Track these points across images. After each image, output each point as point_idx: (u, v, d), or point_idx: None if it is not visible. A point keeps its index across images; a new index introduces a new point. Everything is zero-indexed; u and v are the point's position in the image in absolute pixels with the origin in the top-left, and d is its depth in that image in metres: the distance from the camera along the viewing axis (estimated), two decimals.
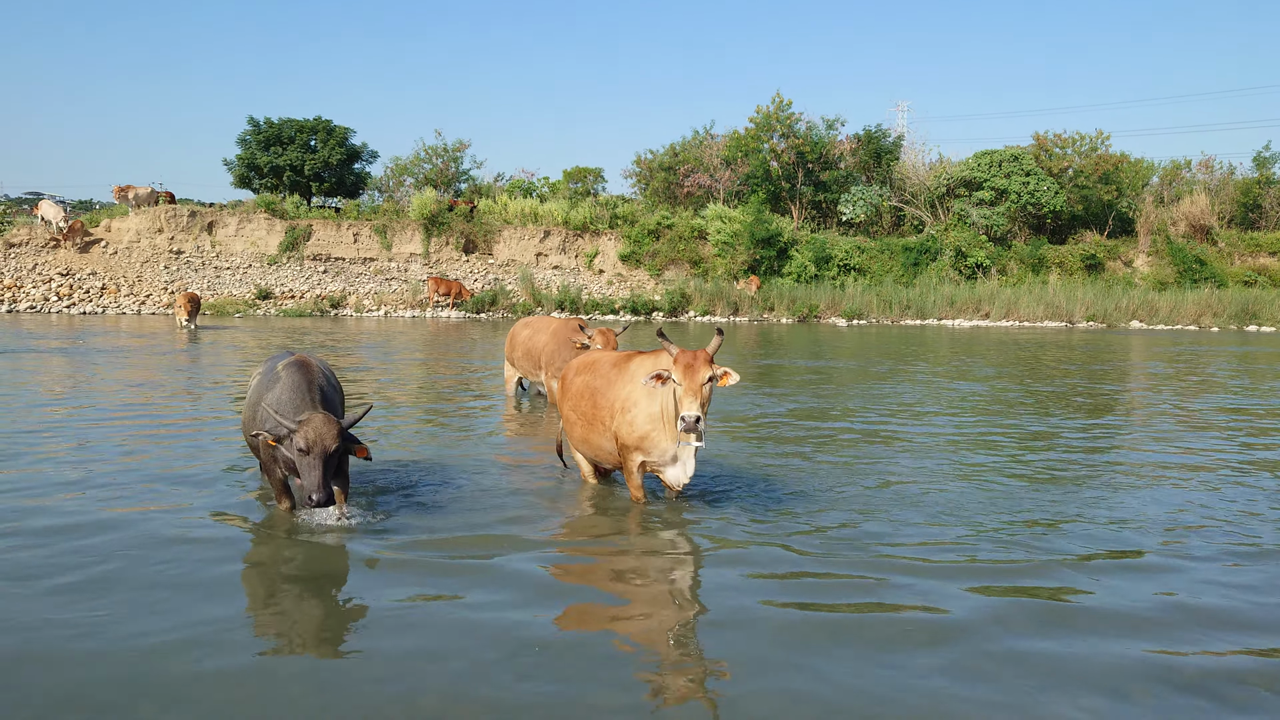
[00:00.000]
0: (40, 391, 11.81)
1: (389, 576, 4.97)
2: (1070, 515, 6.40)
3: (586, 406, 6.52)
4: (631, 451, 6.22)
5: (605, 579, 5.12)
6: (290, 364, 5.92)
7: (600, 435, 6.47)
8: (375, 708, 3.55)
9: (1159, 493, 7.16)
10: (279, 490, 6.04)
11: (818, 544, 5.63)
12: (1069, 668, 4.01)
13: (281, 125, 38.44)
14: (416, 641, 4.14)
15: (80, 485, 6.75)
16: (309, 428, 5.33)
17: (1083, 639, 4.30)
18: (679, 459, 6.09)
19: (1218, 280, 38.90)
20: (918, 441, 9.21)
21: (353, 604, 4.69)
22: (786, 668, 3.96)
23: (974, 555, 5.48)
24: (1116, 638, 4.32)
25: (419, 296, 33.35)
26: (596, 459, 6.76)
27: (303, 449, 5.29)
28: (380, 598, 4.67)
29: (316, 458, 5.28)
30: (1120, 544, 5.79)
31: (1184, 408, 12.18)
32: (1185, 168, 46.39)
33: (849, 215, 40.45)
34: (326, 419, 5.39)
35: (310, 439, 5.29)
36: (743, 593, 4.82)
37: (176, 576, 4.90)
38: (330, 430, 5.34)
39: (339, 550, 5.38)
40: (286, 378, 5.80)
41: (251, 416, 5.96)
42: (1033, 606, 4.71)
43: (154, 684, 3.71)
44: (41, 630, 4.20)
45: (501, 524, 5.99)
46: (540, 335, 10.93)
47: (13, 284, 30.27)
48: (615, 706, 3.59)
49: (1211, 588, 5.01)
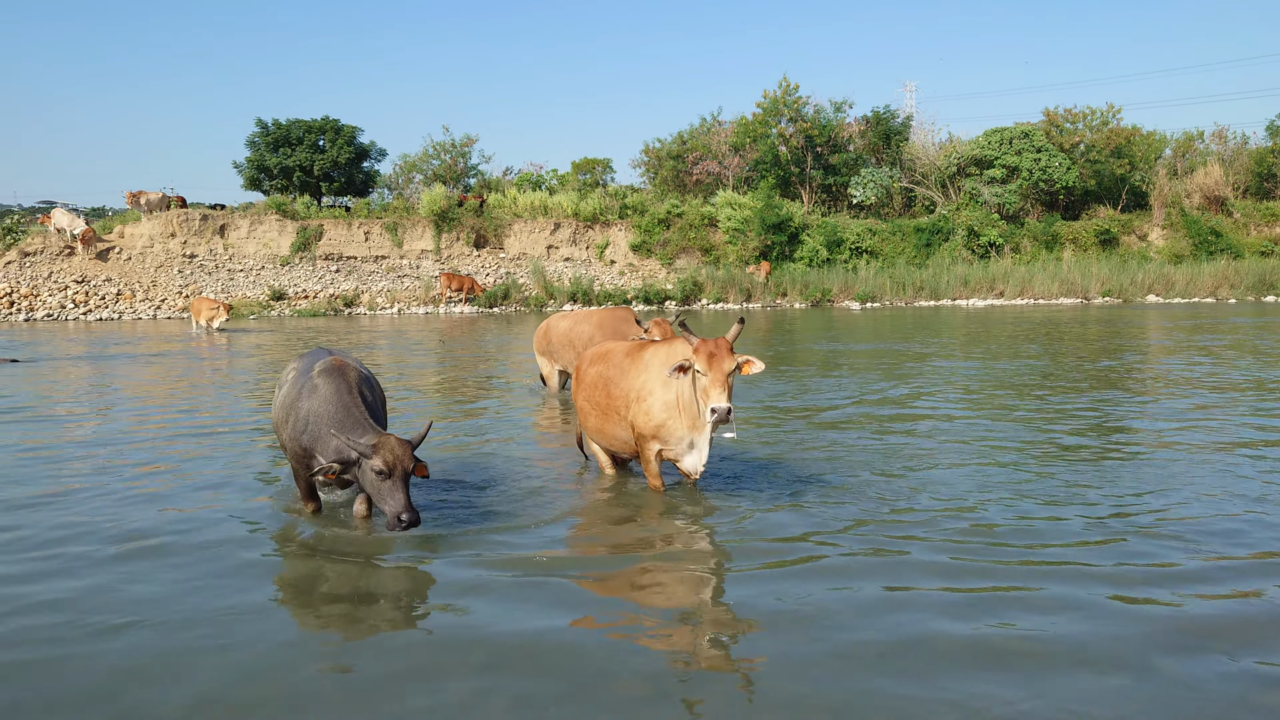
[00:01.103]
0: (125, 394, 11.90)
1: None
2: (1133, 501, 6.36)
3: (601, 397, 6.51)
4: (648, 441, 6.21)
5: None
6: (326, 370, 5.68)
7: (615, 425, 6.46)
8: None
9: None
10: (305, 494, 6.00)
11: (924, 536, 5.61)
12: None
13: (289, 126, 38.54)
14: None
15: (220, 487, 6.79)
16: (387, 451, 5.19)
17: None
18: (695, 446, 6.10)
19: (1234, 251, 38.53)
20: (940, 425, 9.17)
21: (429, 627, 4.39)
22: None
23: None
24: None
25: (432, 293, 33.42)
26: (612, 449, 6.74)
27: (383, 472, 5.16)
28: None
29: (399, 480, 5.18)
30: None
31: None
32: (1198, 139, 45.92)
33: (859, 198, 40.26)
34: (400, 440, 5.28)
35: (390, 462, 5.16)
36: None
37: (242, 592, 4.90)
38: (406, 451, 5.24)
39: (415, 573, 5.13)
40: (324, 386, 5.59)
41: (285, 419, 5.76)
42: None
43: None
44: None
45: (562, 531, 5.80)
46: (583, 325, 10.66)
47: (29, 292, 30.51)
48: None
49: None
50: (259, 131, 38.56)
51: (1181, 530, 5.49)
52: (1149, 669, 3.75)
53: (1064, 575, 4.80)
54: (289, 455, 5.83)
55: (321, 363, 5.79)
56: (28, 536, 5.66)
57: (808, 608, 4.40)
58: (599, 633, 4.22)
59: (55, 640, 4.16)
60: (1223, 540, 5.30)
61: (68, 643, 4.12)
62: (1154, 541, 5.30)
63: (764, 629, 4.20)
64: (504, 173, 44.62)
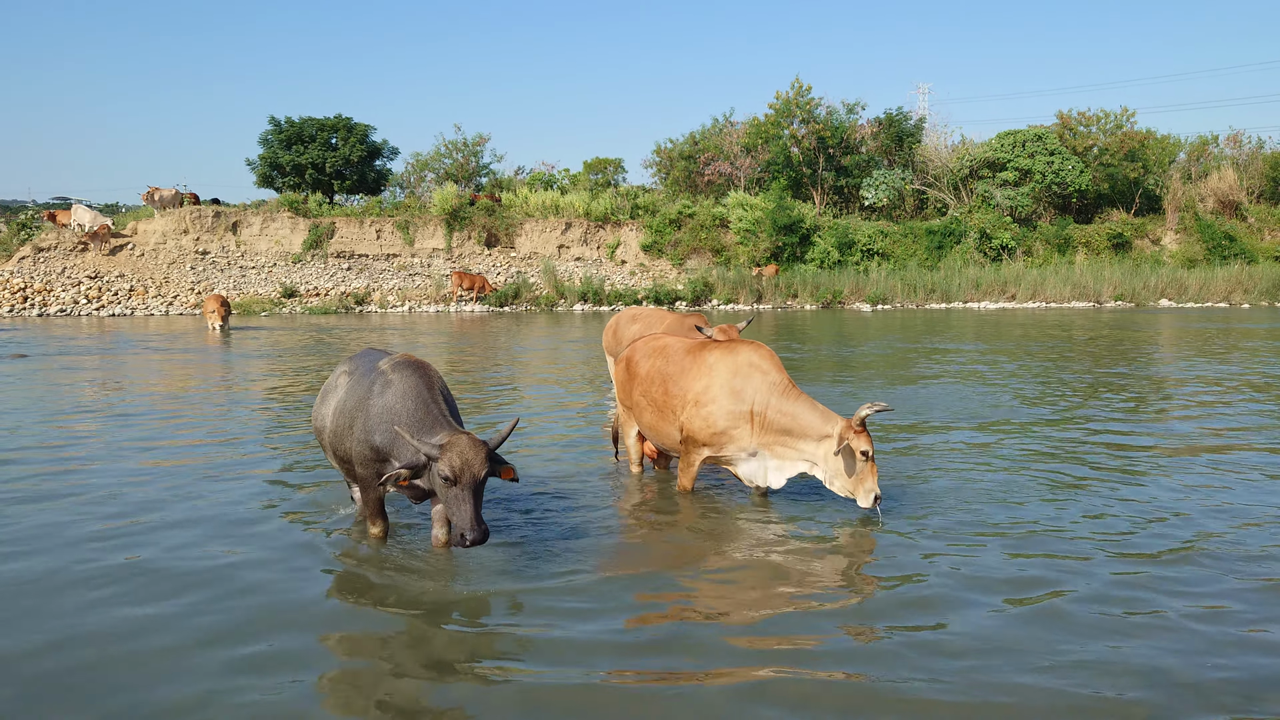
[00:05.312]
0: (140, 392, 11.94)
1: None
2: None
3: (658, 393, 6.31)
4: (700, 447, 6.08)
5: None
6: (401, 364, 5.07)
7: (670, 424, 6.27)
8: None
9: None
10: (375, 511, 5.26)
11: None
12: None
13: (302, 124, 38.64)
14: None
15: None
16: (455, 453, 4.48)
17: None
18: (756, 456, 6.01)
19: (1248, 256, 38.31)
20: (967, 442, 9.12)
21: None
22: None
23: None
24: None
25: (442, 291, 33.45)
26: (665, 446, 6.53)
27: (449, 478, 4.47)
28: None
29: (466, 488, 4.48)
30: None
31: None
32: (1213, 143, 45.68)
33: (871, 200, 40.15)
34: (473, 441, 4.55)
35: (457, 466, 4.46)
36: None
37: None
38: (479, 454, 4.51)
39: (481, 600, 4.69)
40: (400, 382, 4.93)
41: (347, 423, 5.10)
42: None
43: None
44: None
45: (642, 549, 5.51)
46: (655, 329, 10.61)
47: (43, 288, 30.64)
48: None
49: None
50: (272, 129, 38.66)
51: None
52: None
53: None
54: (356, 463, 5.11)
55: (393, 357, 5.20)
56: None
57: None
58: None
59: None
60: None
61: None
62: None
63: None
64: (516, 172, 44.68)
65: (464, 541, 4.43)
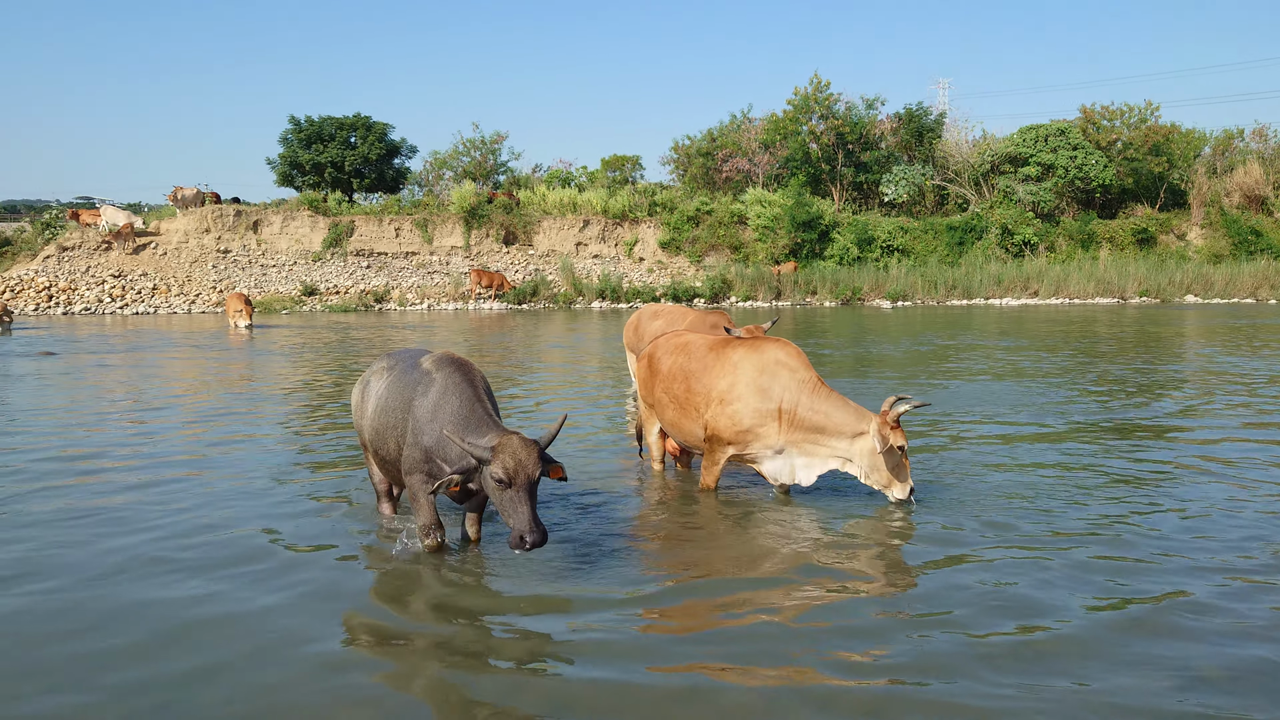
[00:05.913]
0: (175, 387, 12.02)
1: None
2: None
3: (680, 390, 6.27)
4: (725, 445, 6.04)
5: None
6: (442, 361, 4.96)
7: (693, 421, 6.23)
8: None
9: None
10: (429, 519, 4.98)
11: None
12: None
13: (322, 123, 38.83)
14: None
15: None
16: (507, 455, 4.37)
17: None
18: (783, 453, 5.97)
19: (1274, 251, 37.80)
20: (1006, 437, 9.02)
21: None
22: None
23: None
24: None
25: (461, 289, 33.53)
26: (687, 444, 6.50)
27: (503, 480, 4.35)
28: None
29: (521, 489, 4.36)
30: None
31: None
32: (1238, 137, 45.11)
33: (891, 196, 39.89)
34: (524, 441, 4.44)
35: (511, 468, 4.34)
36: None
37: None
38: (531, 455, 4.40)
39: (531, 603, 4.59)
40: (443, 380, 4.82)
41: (390, 425, 4.98)
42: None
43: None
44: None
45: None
46: (677, 326, 10.44)
47: (67, 286, 30.94)
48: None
49: None
50: (292, 128, 38.88)
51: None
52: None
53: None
54: (405, 466, 4.93)
55: (434, 354, 5.08)
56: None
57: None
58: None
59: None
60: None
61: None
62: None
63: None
64: (533, 170, 44.69)
65: (524, 544, 4.32)
